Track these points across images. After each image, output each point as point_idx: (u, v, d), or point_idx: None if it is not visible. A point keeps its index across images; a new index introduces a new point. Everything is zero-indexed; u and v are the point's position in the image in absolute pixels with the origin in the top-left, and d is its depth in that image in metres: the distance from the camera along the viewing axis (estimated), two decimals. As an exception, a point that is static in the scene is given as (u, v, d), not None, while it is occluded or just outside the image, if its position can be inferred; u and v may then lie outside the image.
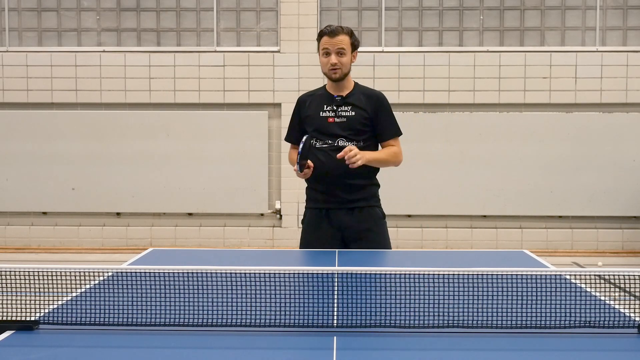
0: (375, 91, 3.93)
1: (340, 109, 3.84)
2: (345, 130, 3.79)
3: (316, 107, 3.91)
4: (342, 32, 3.78)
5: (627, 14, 8.96)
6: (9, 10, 9.10)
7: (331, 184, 3.81)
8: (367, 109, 3.82)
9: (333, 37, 3.76)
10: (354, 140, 3.77)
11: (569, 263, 8.25)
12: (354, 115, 3.81)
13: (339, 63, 3.78)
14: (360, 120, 3.79)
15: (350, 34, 3.83)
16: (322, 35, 3.81)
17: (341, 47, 3.77)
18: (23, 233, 9.14)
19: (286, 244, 8.96)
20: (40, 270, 2.24)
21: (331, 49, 3.77)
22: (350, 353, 1.97)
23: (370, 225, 3.81)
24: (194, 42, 9.08)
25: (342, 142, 3.78)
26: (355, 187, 3.80)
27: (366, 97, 3.85)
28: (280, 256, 4.08)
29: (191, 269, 2.34)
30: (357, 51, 3.88)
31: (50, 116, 9.00)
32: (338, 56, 3.78)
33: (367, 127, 3.81)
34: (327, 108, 3.87)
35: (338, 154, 3.64)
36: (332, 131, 3.81)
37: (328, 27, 3.82)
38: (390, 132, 3.87)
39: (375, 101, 3.84)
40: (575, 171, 8.85)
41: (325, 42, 3.79)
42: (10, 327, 2.13)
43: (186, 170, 8.98)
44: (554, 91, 8.83)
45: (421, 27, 9.04)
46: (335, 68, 3.79)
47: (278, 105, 8.96)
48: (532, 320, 2.16)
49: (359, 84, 3.96)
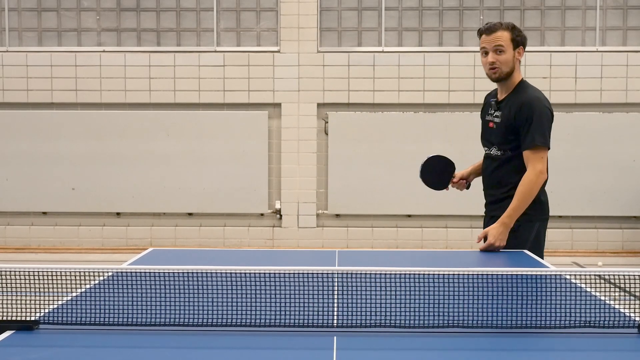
0: (527, 95, 3.55)
1: (495, 115, 3.62)
2: (496, 137, 3.60)
3: (486, 108, 3.76)
4: (500, 28, 3.48)
5: (627, 14, 8.96)
6: (9, 10, 9.10)
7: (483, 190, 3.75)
8: (512, 116, 3.52)
9: (490, 34, 3.48)
10: (501, 149, 3.58)
11: (569, 263, 8.25)
12: (499, 122, 3.58)
13: (497, 62, 3.49)
14: (502, 128, 3.55)
15: (512, 28, 3.50)
16: (481, 34, 3.53)
17: (499, 44, 3.47)
18: (23, 233, 9.14)
19: (286, 244, 8.96)
20: (40, 270, 2.24)
21: (488, 47, 3.50)
22: (350, 353, 1.97)
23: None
24: (194, 42, 9.08)
25: (495, 149, 3.62)
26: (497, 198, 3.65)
27: (516, 102, 3.53)
28: (280, 256, 4.08)
29: (191, 269, 2.34)
30: (522, 48, 3.54)
31: (50, 116, 9.00)
32: (496, 54, 3.48)
33: (512, 135, 3.53)
34: (490, 111, 3.68)
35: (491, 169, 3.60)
36: (487, 137, 3.68)
37: (486, 24, 3.53)
38: (526, 143, 3.50)
39: (518, 107, 3.50)
40: (575, 171, 8.85)
41: (483, 41, 3.52)
42: (10, 327, 2.13)
43: (186, 170, 8.98)
44: (554, 91, 8.83)
45: (421, 27, 9.04)
46: (493, 67, 3.51)
47: (278, 105, 8.96)
48: (532, 320, 2.15)
49: (522, 85, 3.60)
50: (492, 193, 3.68)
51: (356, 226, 8.96)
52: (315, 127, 8.96)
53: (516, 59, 3.54)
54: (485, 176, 3.72)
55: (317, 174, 8.99)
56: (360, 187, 8.83)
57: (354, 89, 8.89)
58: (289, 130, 8.96)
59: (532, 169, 3.48)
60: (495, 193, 3.66)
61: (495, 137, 3.61)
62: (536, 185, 3.47)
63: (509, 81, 3.57)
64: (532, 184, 3.46)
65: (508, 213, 3.46)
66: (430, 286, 2.25)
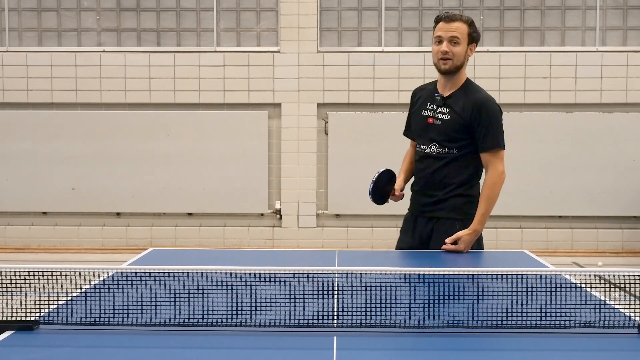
0: (481, 96, 3.49)
1: (439, 111, 3.49)
2: (439, 135, 3.47)
3: (422, 103, 3.59)
4: (459, 20, 3.41)
5: (627, 14, 8.96)
6: (9, 10, 9.10)
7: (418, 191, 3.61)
8: (464, 115, 3.42)
9: (448, 23, 3.39)
10: (446, 147, 3.46)
11: (569, 263, 8.25)
12: (449, 119, 3.45)
13: (450, 52, 3.39)
14: (454, 126, 3.43)
15: (470, 23, 3.44)
16: (438, 21, 3.44)
17: (455, 36, 3.38)
18: (23, 233, 9.13)
19: (286, 244, 8.96)
20: (40, 270, 2.24)
21: (444, 36, 3.39)
22: (350, 353, 1.97)
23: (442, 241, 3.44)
24: (194, 42, 9.08)
25: (435, 147, 3.48)
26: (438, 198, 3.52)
27: (468, 101, 3.45)
28: (280, 256, 4.08)
29: (191, 269, 2.34)
30: (475, 45, 3.47)
31: (50, 116, 8.99)
32: (451, 45, 3.39)
33: (464, 134, 3.43)
34: (430, 107, 3.53)
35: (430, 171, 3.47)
36: (428, 134, 3.52)
37: (445, 13, 3.47)
38: (485, 145, 3.42)
39: (475, 108, 3.42)
40: (575, 171, 8.85)
41: (440, 28, 3.41)
42: (10, 327, 2.13)
43: (186, 170, 8.98)
44: (554, 91, 8.83)
45: (421, 27, 9.04)
46: (445, 57, 3.40)
47: (278, 105, 8.96)
48: (532, 320, 2.15)
49: (470, 84, 3.55)
50: (433, 194, 3.52)
51: (356, 226, 8.96)
52: (315, 127, 8.96)
53: (467, 55, 3.47)
54: (424, 176, 3.56)
55: (317, 174, 8.99)
56: (360, 187, 8.74)
57: (354, 89, 8.89)
58: (289, 130, 8.95)
59: (494, 170, 3.43)
60: (437, 194, 3.51)
61: (438, 135, 3.48)
62: (499, 186, 3.44)
63: (456, 77, 3.49)
64: (496, 186, 3.42)
65: (479, 219, 3.42)
66: (430, 286, 2.25)
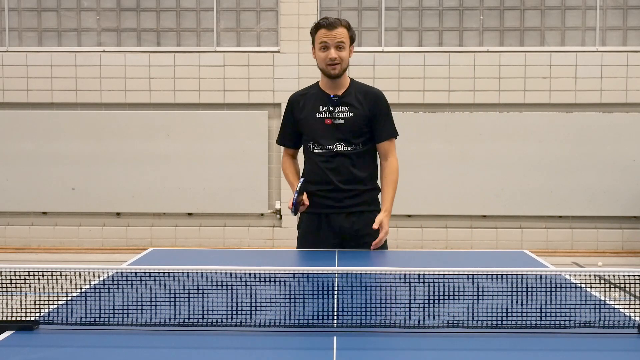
0: (373, 89, 3.70)
1: (338, 110, 3.59)
2: (343, 133, 3.57)
3: (311, 108, 3.64)
4: (340, 25, 3.51)
5: (627, 14, 8.96)
6: (9, 10, 9.10)
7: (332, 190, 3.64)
8: (364, 108, 3.58)
9: (332, 30, 3.48)
10: (352, 144, 3.57)
11: (569, 263, 8.25)
12: (351, 116, 3.57)
13: (338, 58, 3.52)
14: (358, 122, 3.56)
15: (348, 26, 3.56)
16: (319, 28, 3.52)
17: (340, 41, 3.50)
18: (23, 233, 9.14)
19: (286, 244, 8.96)
20: (40, 270, 2.24)
21: (330, 43, 3.50)
22: (350, 353, 1.97)
23: (370, 230, 3.56)
24: (194, 42, 9.08)
25: (341, 146, 3.57)
26: (355, 192, 3.63)
27: (363, 95, 3.61)
28: (280, 256, 4.08)
29: (191, 269, 2.34)
30: (353, 45, 3.62)
31: (50, 116, 9.00)
32: (337, 50, 3.51)
33: (366, 128, 3.59)
34: (323, 109, 3.61)
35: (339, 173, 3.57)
36: (329, 135, 3.58)
37: (324, 19, 3.52)
38: (386, 134, 3.64)
39: (373, 99, 3.61)
40: (575, 171, 8.85)
41: (323, 35, 3.50)
42: (10, 327, 2.13)
43: (186, 170, 8.98)
44: (554, 91, 8.83)
45: (421, 27, 9.04)
46: (334, 63, 3.53)
47: (278, 105, 8.96)
48: (532, 320, 2.15)
49: (355, 81, 3.70)
50: (351, 189, 3.63)
51: (356, 226, 8.96)
52: (315, 127, 8.95)
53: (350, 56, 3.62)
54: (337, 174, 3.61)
55: (317, 174, 8.98)
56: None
57: (354, 89, 8.88)
58: (289, 130, 8.94)
59: (393, 157, 3.69)
60: (354, 189, 3.64)
61: (343, 133, 3.58)
62: (397, 174, 3.70)
63: (343, 78, 3.63)
64: (397, 171, 3.69)
65: (390, 203, 3.64)
66: (430, 286, 2.24)
